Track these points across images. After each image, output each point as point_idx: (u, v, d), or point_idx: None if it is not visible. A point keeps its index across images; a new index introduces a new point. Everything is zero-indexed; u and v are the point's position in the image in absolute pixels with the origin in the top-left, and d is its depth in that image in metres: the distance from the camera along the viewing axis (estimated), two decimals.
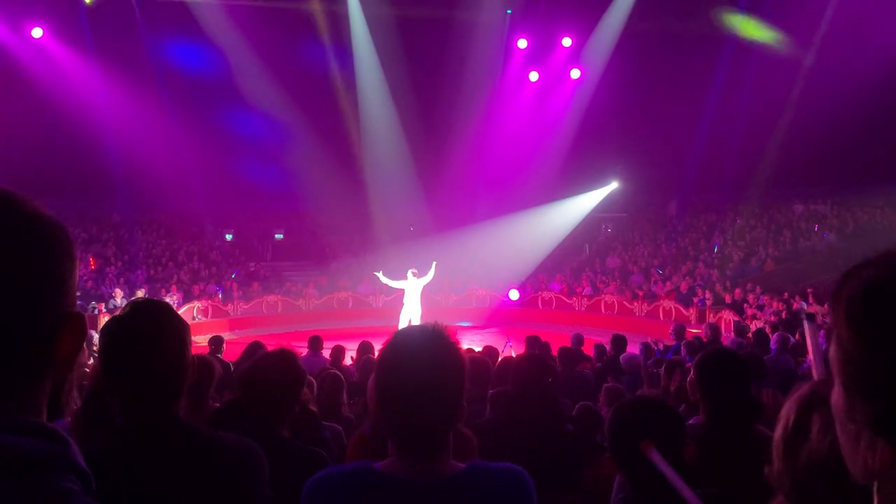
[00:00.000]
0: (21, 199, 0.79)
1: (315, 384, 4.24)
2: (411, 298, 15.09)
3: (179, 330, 1.64)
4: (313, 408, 3.43)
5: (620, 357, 7.41)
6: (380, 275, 15.32)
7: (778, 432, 1.24)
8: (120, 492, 1.41)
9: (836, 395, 0.78)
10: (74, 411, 2.69)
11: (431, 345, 1.44)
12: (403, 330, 1.56)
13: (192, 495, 1.52)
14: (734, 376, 2.65)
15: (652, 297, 18.32)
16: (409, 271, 15.21)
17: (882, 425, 0.71)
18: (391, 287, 15.87)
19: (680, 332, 9.10)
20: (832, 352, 0.77)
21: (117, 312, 1.71)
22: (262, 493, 1.62)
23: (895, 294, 0.72)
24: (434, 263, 15.34)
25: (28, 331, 0.76)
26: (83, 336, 0.81)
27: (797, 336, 8.17)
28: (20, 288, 0.75)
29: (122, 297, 16.43)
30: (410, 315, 14.94)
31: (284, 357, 2.34)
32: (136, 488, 1.47)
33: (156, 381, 1.59)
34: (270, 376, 2.25)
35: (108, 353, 1.62)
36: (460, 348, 1.49)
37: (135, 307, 1.66)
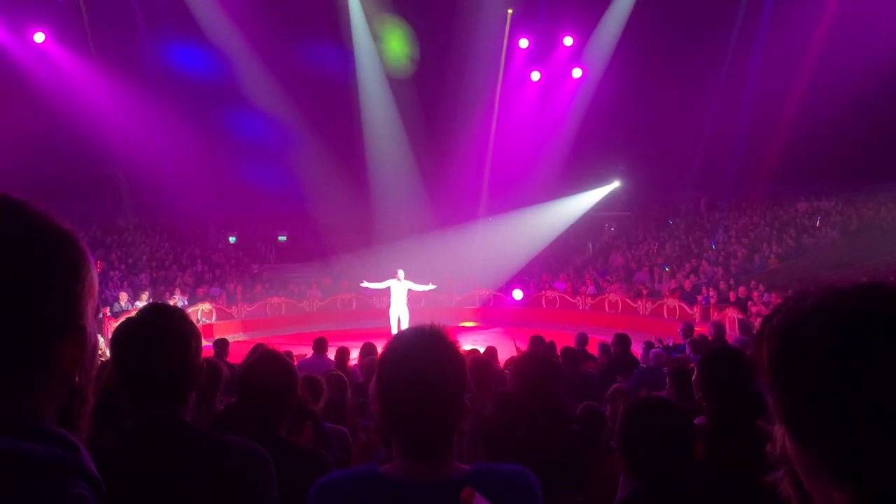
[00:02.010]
0: (23, 208, 0.78)
1: (324, 387, 4.25)
2: (397, 298, 15.13)
3: (189, 334, 1.66)
4: (313, 408, 3.43)
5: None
6: (365, 284, 15.54)
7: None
8: (128, 493, 1.42)
9: (789, 446, 0.74)
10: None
11: (430, 346, 1.44)
12: (402, 332, 1.56)
13: (199, 498, 1.53)
14: (736, 374, 2.67)
15: (656, 296, 18.31)
16: (399, 271, 15.31)
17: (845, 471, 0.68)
18: (377, 289, 15.96)
19: (688, 331, 9.05)
20: (771, 402, 0.74)
21: (124, 316, 1.72)
22: (269, 496, 1.63)
23: (805, 339, 0.70)
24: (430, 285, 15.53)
25: (26, 341, 0.75)
26: (82, 348, 0.80)
27: None
28: (17, 299, 0.74)
29: (127, 301, 16.48)
30: (399, 314, 14.97)
31: (272, 359, 2.35)
32: (144, 490, 1.48)
33: (163, 383, 1.61)
34: (262, 380, 2.27)
35: (118, 353, 1.65)
36: (459, 348, 1.50)
37: (147, 310, 1.69)
